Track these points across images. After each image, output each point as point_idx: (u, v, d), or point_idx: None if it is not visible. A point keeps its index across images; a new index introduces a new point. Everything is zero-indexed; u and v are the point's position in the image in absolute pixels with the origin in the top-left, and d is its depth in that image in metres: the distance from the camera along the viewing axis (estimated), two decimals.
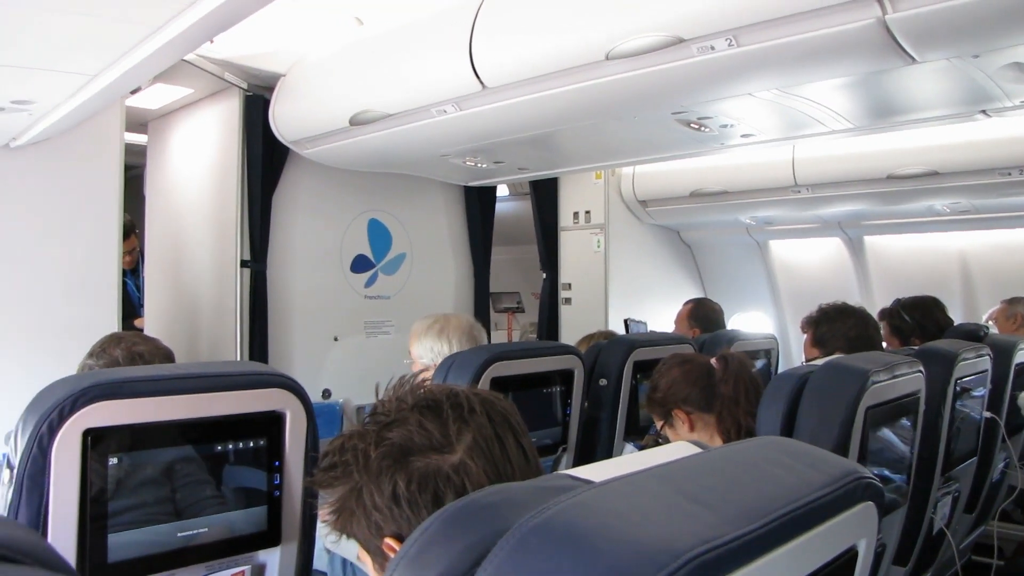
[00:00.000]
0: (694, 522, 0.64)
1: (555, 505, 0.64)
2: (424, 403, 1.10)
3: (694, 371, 2.29)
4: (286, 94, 3.69)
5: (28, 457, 1.48)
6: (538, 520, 0.62)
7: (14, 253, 3.21)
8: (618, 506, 0.64)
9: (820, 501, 0.76)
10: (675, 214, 5.30)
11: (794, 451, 0.86)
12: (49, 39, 1.95)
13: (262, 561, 1.81)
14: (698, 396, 2.25)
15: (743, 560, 0.63)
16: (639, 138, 3.75)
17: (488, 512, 0.71)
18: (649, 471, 0.74)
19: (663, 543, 0.59)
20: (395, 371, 1.23)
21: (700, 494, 0.69)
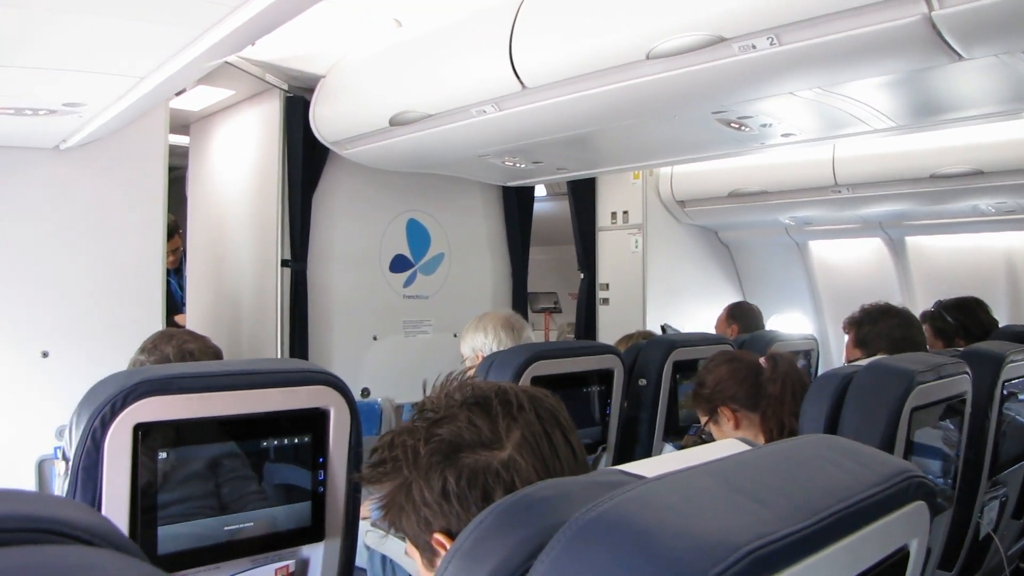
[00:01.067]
0: (749, 517, 0.64)
1: (611, 499, 0.64)
2: (473, 400, 1.11)
3: (742, 370, 2.29)
4: (326, 95, 3.72)
5: (82, 450, 1.51)
6: (594, 514, 0.63)
7: (64, 253, 3.29)
8: (673, 501, 0.65)
9: (872, 499, 0.75)
10: (713, 214, 5.27)
11: (845, 449, 0.86)
12: (100, 42, 1.99)
13: (306, 556, 1.84)
14: (744, 394, 2.26)
15: (797, 556, 0.64)
16: (678, 138, 3.73)
17: (543, 506, 0.72)
18: (701, 467, 0.74)
19: (719, 537, 0.60)
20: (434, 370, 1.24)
21: (753, 490, 0.69)
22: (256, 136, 4.15)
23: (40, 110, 2.54)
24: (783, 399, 2.20)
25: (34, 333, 3.22)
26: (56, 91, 2.39)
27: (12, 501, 0.53)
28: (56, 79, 2.27)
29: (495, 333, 2.77)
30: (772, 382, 2.23)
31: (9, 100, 2.41)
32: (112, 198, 3.41)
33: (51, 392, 3.17)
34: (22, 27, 1.79)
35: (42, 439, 3.11)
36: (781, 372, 2.24)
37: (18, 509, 0.51)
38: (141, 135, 3.44)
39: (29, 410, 3.09)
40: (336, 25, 3.47)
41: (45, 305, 3.24)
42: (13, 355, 3.16)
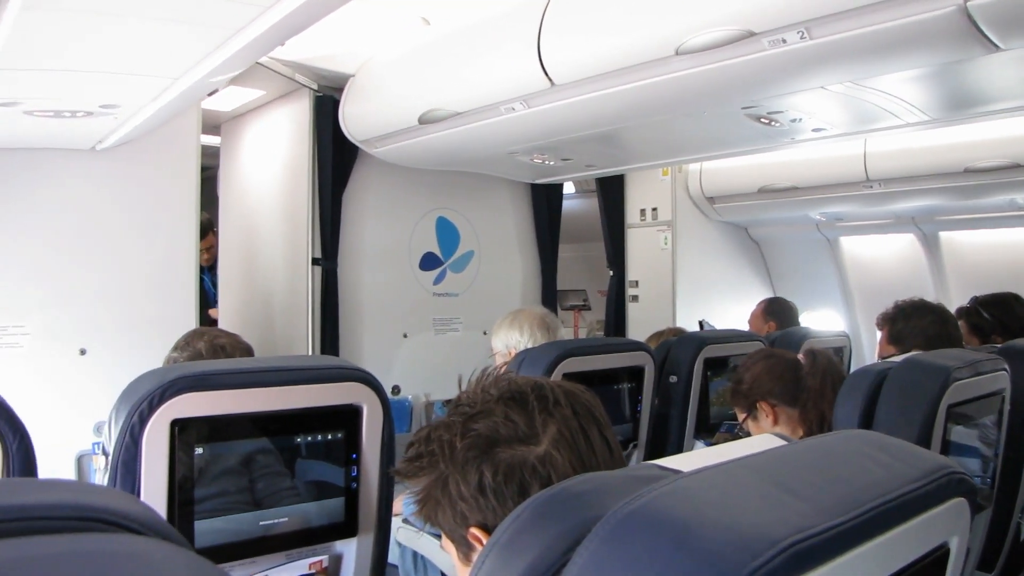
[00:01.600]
0: (788, 511, 0.64)
1: (649, 493, 0.64)
2: (509, 395, 1.11)
3: (779, 365, 2.32)
4: (356, 94, 3.74)
5: (121, 445, 1.53)
6: (633, 507, 0.63)
7: (101, 252, 3.34)
8: (712, 494, 0.64)
9: (912, 495, 0.75)
10: (743, 211, 5.23)
11: (883, 444, 0.85)
12: (135, 44, 2.02)
13: (339, 551, 1.85)
14: (782, 389, 2.28)
15: (837, 551, 0.63)
16: (707, 134, 3.71)
17: (580, 500, 0.72)
18: (739, 461, 0.74)
19: (759, 531, 0.60)
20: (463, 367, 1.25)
21: (792, 484, 0.69)
22: (286, 135, 4.19)
23: (78, 112, 2.58)
24: (823, 392, 2.22)
25: (72, 331, 3.27)
26: (93, 93, 2.42)
27: (63, 490, 0.54)
28: (93, 81, 2.30)
29: (531, 331, 2.78)
30: (812, 375, 2.26)
31: (48, 103, 2.45)
32: (146, 198, 3.46)
33: (89, 388, 3.22)
34: (61, 31, 1.82)
35: (81, 434, 3.17)
36: (821, 366, 2.26)
37: (70, 498, 0.52)
38: (174, 135, 3.48)
39: (68, 406, 3.14)
40: (365, 24, 3.49)
41: (83, 303, 3.30)
42: (52, 352, 3.22)
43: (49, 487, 0.56)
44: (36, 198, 3.23)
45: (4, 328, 3.13)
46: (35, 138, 3.01)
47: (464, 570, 1.12)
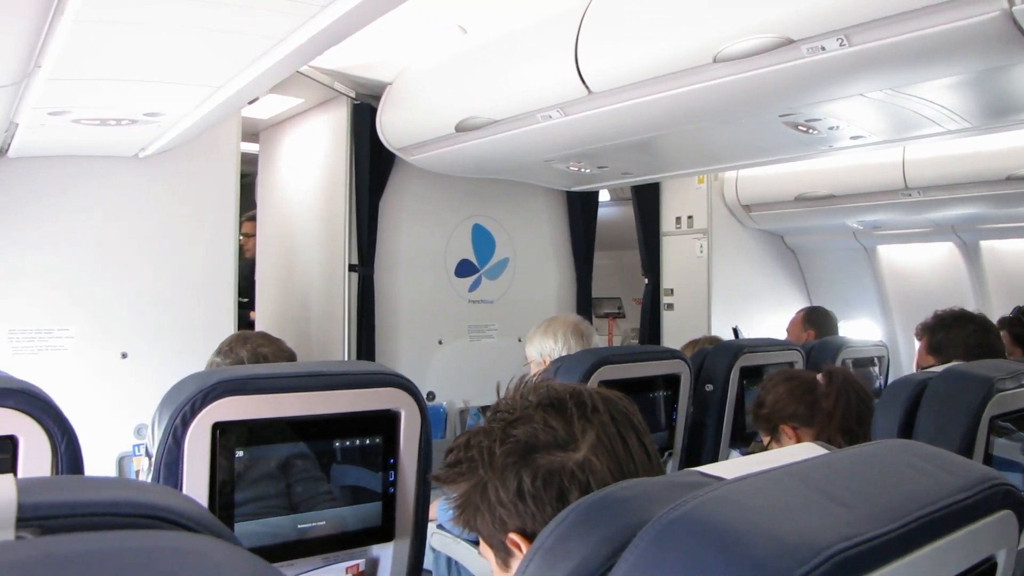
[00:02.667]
0: (833, 519, 0.64)
1: (693, 499, 0.64)
2: (548, 401, 1.12)
3: (799, 387, 2.30)
4: (393, 102, 3.77)
5: (164, 447, 1.55)
6: (677, 513, 0.63)
7: (142, 257, 3.40)
8: (756, 501, 0.65)
9: (957, 506, 0.74)
10: (779, 219, 5.19)
11: (926, 454, 0.84)
12: (180, 53, 2.05)
13: (376, 556, 1.86)
14: (803, 412, 2.26)
15: (882, 560, 0.63)
16: (744, 141, 3.69)
17: (624, 505, 0.73)
18: (783, 469, 0.74)
19: (804, 539, 0.60)
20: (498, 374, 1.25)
21: (836, 493, 0.69)
22: (324, 143, 4.23)
23: (123, 120, 2.62)
24: (832, 415, 2.20)
25: (114, 334, 3.33)
26: (138, 101, 2.47)
27: (124, 488, 0.56)
28: (138, 90, 2.34)
29: (564, 339, 2.78)
30: (826, 396, 2.24)
31: (95, 111, 2.50)
32: (187, 204, 3.52)
33: (130, 391, 3.28)
34: (110, 42, 1.85)
35: (122, 436, 3.22)
36: (836, 387, 2.23)
37: (132, 496, 0.53)
38: (214, 143, 3.54)
39: (110, 408, 3.20)
40: (402, 33, 3.52)
41: (125, 307, 3.35)
42: (95, 356, 3.28)
43: (111, 485, 0.57)
44: (81, 204, 3.30)
45: (49, 331, 3.19)
46: (81, 146, 3.07)
47: (503, 575, 1.13)
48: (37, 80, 2.04)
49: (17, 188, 3.15)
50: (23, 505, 0.48)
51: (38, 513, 0.49)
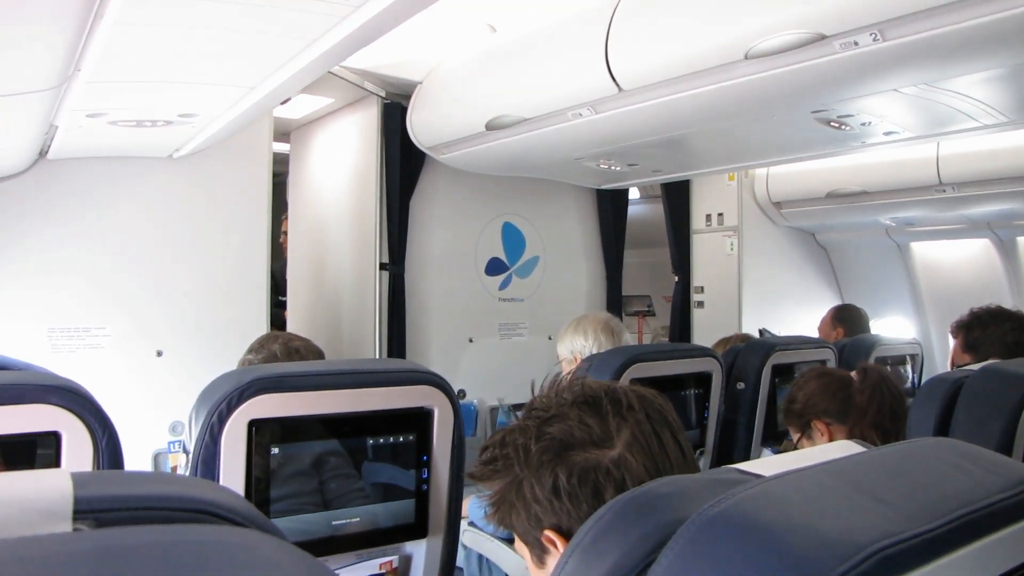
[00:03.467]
0: (874, 517, 0.63)
1: (733, 496, 0.65)
2: (583, 399, 1.12)
3: (832, 383, 2.29)
4: (423, 101, 3.78)
5: (201, 444, 1.57)
6: (718, 510, 0.63)
7: (177, 256, 3.45)
8: (797, 498, 0.65)
9: (1000, 505, 0.73)
10: (810, 216, 5.15)
11: (966, 453, 0.84)
12: (214, 55, 2.07)
13: (409, 552, 1.88)
14: (836, 408, 2.25)
15: (925, 558, 0.63)
16: (776, 138, 3.67)
17: (662, 502, 0.73)
18: (821, 466, 0.74)
19: (845, 536, 0.60)
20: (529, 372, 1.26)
21: (876, 490, 0.68)
22: (354, 142, 4.26)
23: (158, 121, 2.66)
24: (867, 411, 2.18)
25: (149, 333, 3.37)
26: (173, 103, 2.50)
27: (174, 483, 0.57)
28: (174, 91, 2.37)
29: (595, 336, 2.78)
30: (860, 393, 2.23)
31: (132, 113, 2.53)
32: (220, 204, 3.56)
33: (165, 389, 3.32)
34: (147, 44, 1.88)
35: (157, 433, 3.27)
36: (870, 384, 2.22)
37: (182, 491, 0.55)
38: (247, 143, 3.57)
39: (145, 405, 3.24)
40: (432, 32, 3.54)
41: (159, 306, 3.40)
42: (130, 354, 3.33)
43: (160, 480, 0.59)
44: (117, 204, 3.34)
45: (87, 329, 3.24)
46: (117, 147, 3.11)
47: (538, 572, 1.14)
48: (77, 83, 2.07)
49: (56, 189, 3.21)
50: (79, 498, 0.50)
51: (93, 506, 0.50)
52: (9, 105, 2.11)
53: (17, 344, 3.01)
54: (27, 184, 3.16)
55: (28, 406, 1.40)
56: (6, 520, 0.47)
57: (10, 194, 3.13)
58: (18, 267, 3.14)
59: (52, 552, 0.42)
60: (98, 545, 0.43)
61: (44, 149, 2.96)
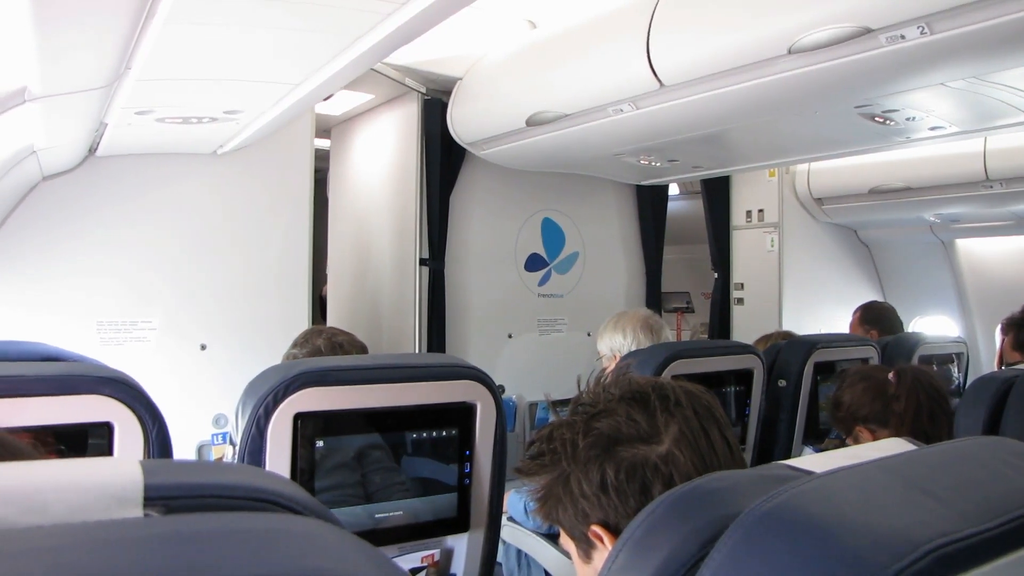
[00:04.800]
0: (929, 515, 0.63)
1: (785, 492, 0.65)
2: (631, 394, 1.12)
3: (873, 388, 2.26)
4: (463, 97, 3.80)
5: (248, 436, 1.59)
6: (771, 505, 0.63)
7: (220, 251, 3.50)
8: (850, 495, 0.64)
9: None
10: (853, 212, 5.09)
11: (1021, 452, 0.83)
12: (259, 52, 2.10)
13: (450, 546, 1.89)
14: (877, 413, 2.22)
15: (982, 558, 0.62)
16: (818, 134, 3.63)
17: (714, 497, 0.73)
18: (874, 463, 0.73)
19: (901, 533, 0.59)
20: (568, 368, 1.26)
21: (931, 488, 0.68)
22: (395, 138, 4.28)
23: (204, 118, 2.70)
24: (904, 417, 2.16)
25: (194, 327, 3.43)
26: (219, 100, 2.53)
27: (236, 473, 0.58)
28: (220, 89, 2.41)
29: (634, 334, 2.77)
30: (896, 399, 2.20)
31: (178, 110, 2.57)
32: (262, 199, 3.60)
33: (209, 382, 3.37)
34: (195, 42, 1.91)
35: (201, 425, 3.32)
36: (905, 386, 2.19)
37: (245, 480, 0.56)
38: (289, 139, 3.61)
39: (189, 398, 3.29)
40: (471, 28, 3.55)
41: (204, 301, 3.45)
42: (176, 347, 3.38)
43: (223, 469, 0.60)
44: (162, 200, 3.40)
45: (134, 323, 3.30)
46: (164, 143, 3.16)
47: (584, 567, 1.14)
48: (127, 82, 2.11)
49: (104, 185, 3.27)
50: (148, 486, 0.51)
51: (162, 493, 0.52)
52: (64, 104, 2.15)
53: (68, 337, 3.08)
54: (77, 181, 3.22)
55: (82, 396, 1.43)
56: (83, 504, 0.48)
57: (61, 191, 3.19)
58: (69, 262, 3.21)
59: (129, 536, 0.43)
60: (171, 530, 0.44)
61: (94, 146, 3.02)
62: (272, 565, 0.42)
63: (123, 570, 0.38)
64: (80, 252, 3.23)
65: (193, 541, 0.43)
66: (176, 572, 0.39)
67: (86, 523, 0.47)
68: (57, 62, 1.82)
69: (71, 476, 0.51)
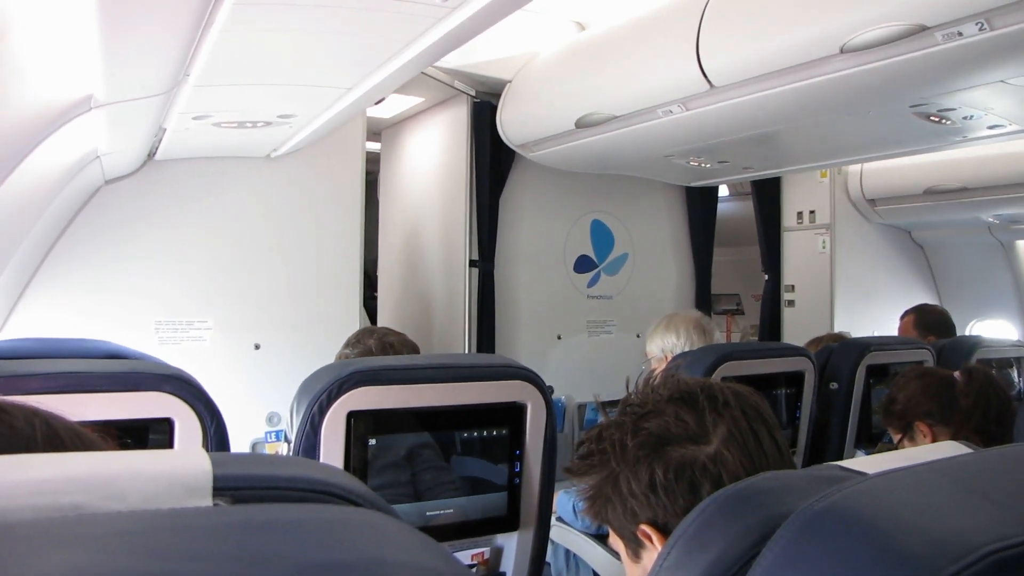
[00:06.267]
0: (986, 518, 0.62)
1: (838, 492, 0.65)
2: (679, 395, 1.13)
3: (934, 384, 2.23)
4: (513, 99, 3.81)
5: (302, 434, 1.63)
6: (823, 505, 0.64)
7: (274, 253, 3.56)
8: (904, 496, 0.64)
9: None
10: (907, 213, 5.00)
11: None
12: (313, 57, 2.14)
13: (500, 544, 1.91)
14: (939, 409, 2.19)
15: None
16: (871, 133, 3.57)
17: (766, 496, 0.73)
18: (928, 465, 0.73)
19: (956, 535, 0.59)
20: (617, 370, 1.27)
21: (987, 491, 0.67)
22: (444, 141, 4.31)
23: (258, 122, 2.75)
24: (972, 414, 2.12)
25: (248, 327, 3.49)
26: (273, 104, 2.58)
27: (299, 466, 0.61)
28: (274, 93, 2.46)
29: (687, 334, 2.76)
30: (965, 395, 2.17)
31: (234, 114, 2.63)
32: (315, 202, 3.66)
33: (262, 381, 3.43)
34: (251, 48, 1.95)
35: (255, 423, 3.38)
36: (976, 386, 2.16)
37: (308, 473, 0.58)
38: (341, 143, 3.67)
39: (243, 396, 3.35)
40: (520, 31, 3.57)
41: (258, 301, 3.51)
42: (230, 347, 3.45)
43: (285, 462, 0.63)
44: (218, 203, 3.47)
45: (191, 323, 3.38)
46: (219, 147, 3.23)
47: (633, 567, 1.15)
48: (185, 88, 2.16)
49: (162, 189, 3.35)
50: (217, 476, 0.54)
51: (230, 484, 0.54)
52: (126, 110, 2.22)
53: (128, 336, 3.14)
54: (137, 185, 3.31)
55: (144, 393, 1.47)
56: (156, 493, 0.51)
57: (122, 194, 3.28)
58: (128, 263, 3.29)
59: (202, 523, 0.45)
60: (241, 519, 0.47)
61: (153, 151, 3.10)
62: (336, 553, 0.43)
63: (199, 555, 0.40)
64: (139, 254, 3.31)
65: (261, 529, 0.45)
66: (246, 558, 0.41)
67: (161, 510, 0.49)
68: (121, 70, 1.88)
69: (144, 466, 0.53)
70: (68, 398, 1.36)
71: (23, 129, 1.84)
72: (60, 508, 0.49)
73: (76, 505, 0.49)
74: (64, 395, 1.37)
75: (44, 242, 3.08)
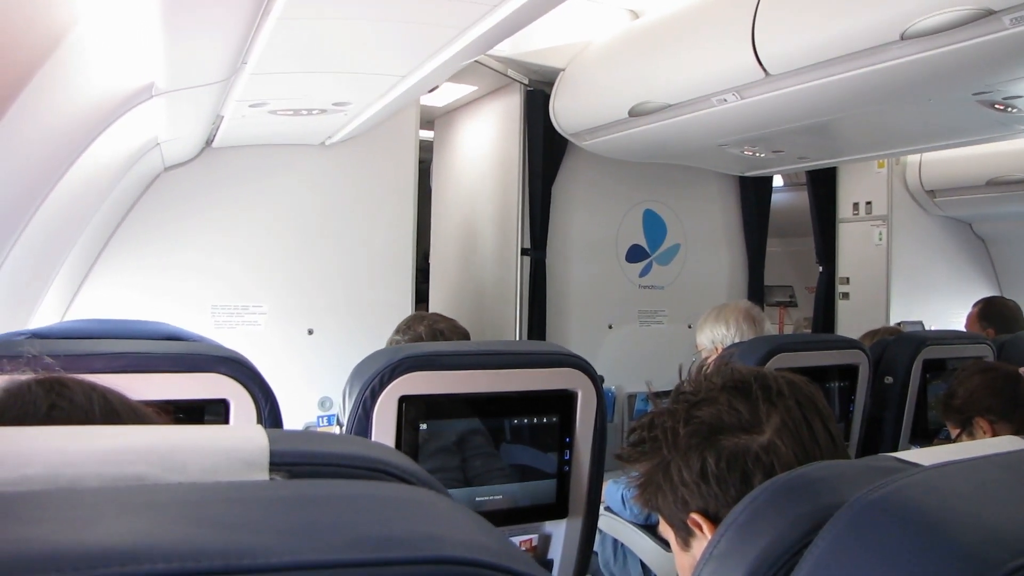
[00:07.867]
0: None
1: (893, 482, 0.64)
2: (732, 384, 1.12)
3: (998, 380, 2.19)
4: (566, 88, 3.80)
5: (354, 418, 1.65)
6: (877, 495, 0.63)
7: (328, 240, 3.60)
8: (961, 488, 0.63)
9: None
10: (968, 205, 4.88)
11: None
12: (368, 45, 2.16)
13: (549, 532, 1.91)
14: (1001, 405, 2.15)
15: None
16: (932, 122, 3.49)
17: (818, 486, 0.73)
18: (986, 458, 0.72)
19: (1018, 529, 0.57)
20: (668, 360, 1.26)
21: None
22: (497, 129, 4.32)
23: (313, 110, 2.78)
24: None
25: (302, 312, 3.55)
26: (328, 92, 2.61)
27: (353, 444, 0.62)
28: (329, 81, 2.48)
29: (737, 325, 2.74)
30: None
31: (290, 102, 2.66)
32: (369, 189, 3.70)
33: (315, 366, 3.48)
34: (307, 36, 1.97)
35: (308, 407, 3.43)
36: None
37: (362, 451, 0.59)
38: (395, 131, 3.69)
39: (297, 380, 3.40)
40: (573, 19, 3.56)
41: (312, 287, 3.57)
42: (285, 332, 3.50)
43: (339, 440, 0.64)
44: (273, 190, 3.53)
45: (246, 308, 3.44)
46: (275, 135, 3.28)
47: (682, 555, 1.15)
48: (243, 76, 2.19)
49: (219, 176, 3.41)
50: (274, 452, 0.55)
51: (286, 460, 0.55)
52: (185, 98, 2.26)
53: (185, 318, 3.21)
54: (195, 171, 3.37)
55: (201, 374, 1.50)
56: (215, 466, 0.52)
57: (180, 181, 3.35)
58: (186, 248, 3.36)
59: (260, 496, 0.46)
60: (297, 493, 0.48)
61: (210, 138, 3.15)
62: (390, 529, 0.44)
63: (257, 526, 0.41)
64: (197, 239, 3.39)
65: (316, 503, 0.46)
66: (302, 531, 0.41)
67: (220, 483, 0.50)
68: (181, 59, 1.92)
69: (204, 440, 0.55)
70: (129, 377, 1.39)
71: (87, 118, 1.89)
72: (124, 478, 0.50)
73: (139, 475, 0.51)
74: (125, 375, 1.41)
75: (107, 227, 3.15)
